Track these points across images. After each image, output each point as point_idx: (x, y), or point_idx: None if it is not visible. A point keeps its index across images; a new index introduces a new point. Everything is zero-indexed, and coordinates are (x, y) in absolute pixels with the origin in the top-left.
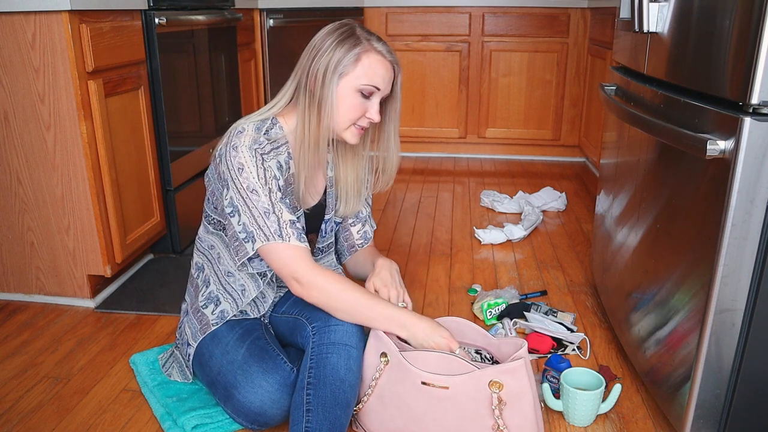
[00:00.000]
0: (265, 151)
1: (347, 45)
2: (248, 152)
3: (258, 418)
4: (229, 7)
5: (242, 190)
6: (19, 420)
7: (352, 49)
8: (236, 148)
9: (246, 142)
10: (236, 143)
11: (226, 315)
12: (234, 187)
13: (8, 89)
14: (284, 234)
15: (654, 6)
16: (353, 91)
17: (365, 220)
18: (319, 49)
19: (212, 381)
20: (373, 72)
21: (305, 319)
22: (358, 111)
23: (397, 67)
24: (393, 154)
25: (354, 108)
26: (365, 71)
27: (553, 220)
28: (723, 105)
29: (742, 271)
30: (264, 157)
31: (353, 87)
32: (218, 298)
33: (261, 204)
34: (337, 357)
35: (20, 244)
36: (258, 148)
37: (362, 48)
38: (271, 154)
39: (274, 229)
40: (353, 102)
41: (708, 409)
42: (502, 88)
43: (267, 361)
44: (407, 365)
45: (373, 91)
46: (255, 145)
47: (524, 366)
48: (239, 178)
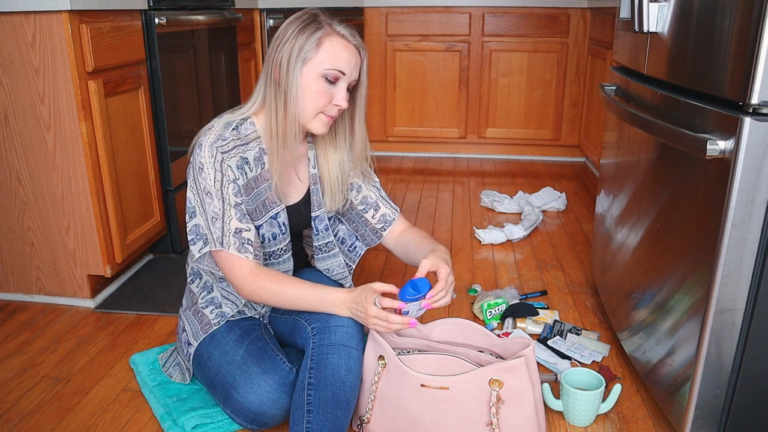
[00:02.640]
0: (226, 149)
1: (308, 30)
2: (209, 151)
3: (257, 418)
4: (229, 7)
5: (200, 191)
6: (19, 420)
7: (313, 33)
8: (201, 146)
9: (210, 139)
10: (202, 141)
11: (226, 315)
12: (194, 186)
13: (8, 89)
14: (225, 242)
15: (654, 6)
16: (317, 77)
17: (377, 204)
18: (282, 38)
19: (211, 381)
20: (337, 56)
21: (304, 321)
22: (324, 98)
23: (363, 51)
24: (359, 141)
25: (319, 94)
26: (328, 55)
27: (553, 220)
28: (723, 105)
29: (742, 271)
30: (224, 156)
31: (317, 72)
32: (220, 303)
33: (211, 208)
34: (337, 358)
35: (20, 244)
36: (220, 146)
37: (324, 32)
38: (233, 151)
39: (217, 236)
40: (318, 88)
41: (708, 409)
42: (502, 88)
43: (266, 361)
44: (405, 369)
45: (338, 75)
46: (218, 142)
47: (525, 364)
48: (198, 177)
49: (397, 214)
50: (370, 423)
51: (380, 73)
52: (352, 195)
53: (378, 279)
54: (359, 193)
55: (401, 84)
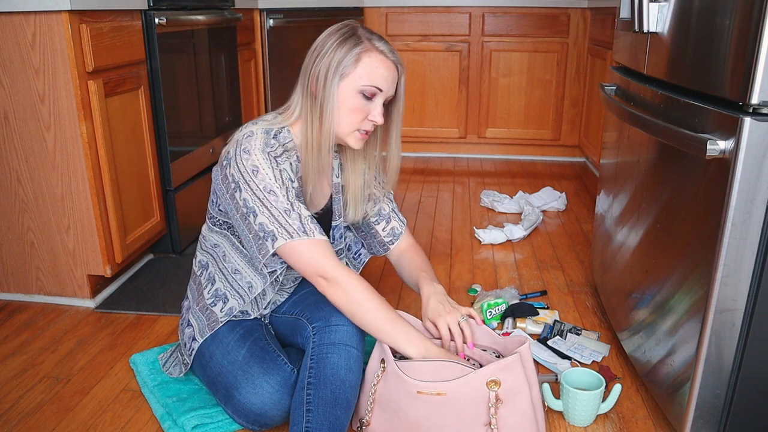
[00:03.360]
0: (277, 154)
1: (348, 45)
2: (261, 155)
3: (258, 419)
4: (229, 7)
5: (258, 191)
6: (19, 420)
7: (352, 49)
8: (248, 152)
9: (257, 144)
10: (247, 147)
11: (234, 311)
12: (249, 189)
13: (8, 89)
14: (308, 230)
15: (654, 6)
16: (355, 93)
17: (389, 217)
18: (320, 50)
19: (213, 381)
20: (375, 72)
21: (306, 320)
22: (360, 113)
23: (401, 67)
24: (394, 157)
25: (356, 110)
26: (366, 71)
27: (553, 220)
28: (723, 105)
29: (742, 271)
30: (277, 160)
31: (354, 88)
32: (226, 296)
33: (280, 204)
34: (337, 357)
35: (20, 244)
36: (270, 151)
37: (363, 48)
38: (283, 156)
39: (297, 226)
40: (355, 104)
41: (708, 409)
42: (502, 88)
43: (268, 361)
44: (402, 375)
45: (375, 92)
46: (267, 147)
47: (519, 361)
48: (254, 180)
49: (404, 227)
50: (370, 425)
51: None
52: (368, 206)
53: (378, 280)
54: (375, 204)
55: None
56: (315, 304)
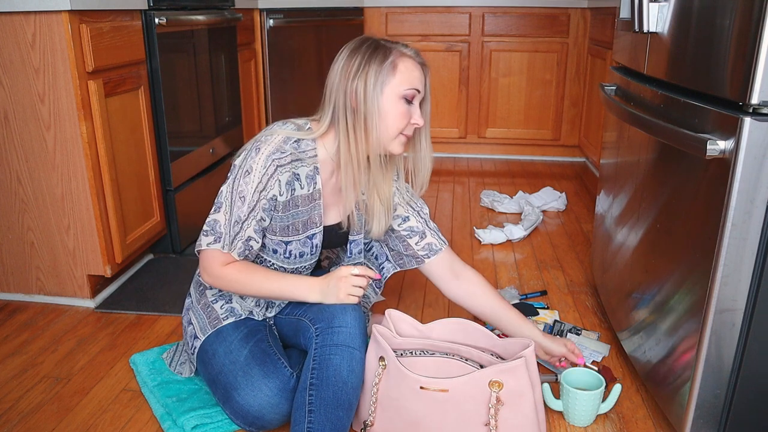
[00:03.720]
0: (282, 163)
1: (379, 56)
2: (264, 160)
3: (256, 422)
4: (229, 7)
5: (235, 191)
6: (19, 420)
7: (386, 58)
8: (258, 151)
9: (269, 149)
10: (260, 146)
11: (236, 312)
12: (232, 184)
13: (8, 89)
14: (234, 246)
15: (654, 6)
16: (398, 99)
17: (423, 233)
18: (352, 67)
19: (213, 379)
20: (412, 75)
21: (308, 321)
22: (405, 118)
23: (426, 68)
24: (426, 155)
25: (402, 115)
26: (405, 77)
27: (553, 220)
28: (723, 105)
29: (742, 271)
30: (278, 169)
31: (397, 95)
32: (230, 297)
33: (238, 212)
34: (339, 358)
35: (20, 244)
36: (277, 158)
37: (395, 55)
38: (288, 166)
39: (231, 238)
40: (400, 110)
41: (708, 409)
42: (502, 88)
43: (268, 364)
44: (405, 371)
45: (415, 94)
46: (276, 153)
47: (524, 365)
48: (241, 179)
49: (445, 245)
50: (374, 426)
51: None
52: (396, 223)
53: None
54: (405, 222)
55: None
56: (318, 305)
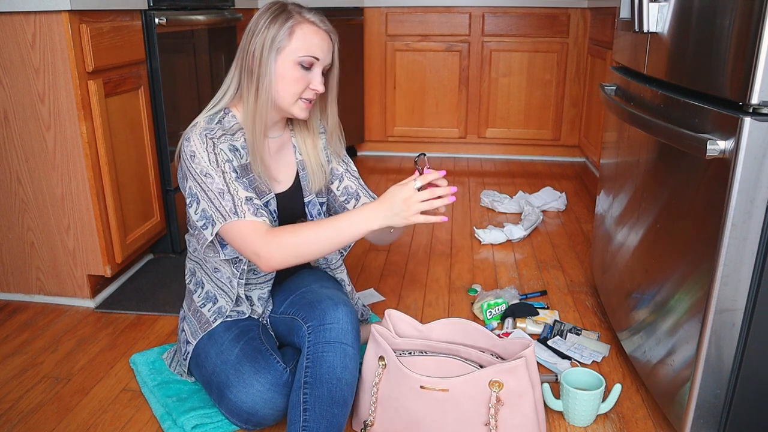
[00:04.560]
0: (216, 136)
1: (280, 20)
2: (198, 139)
3: (251, 418)
4: (229, 7)
5: (197, 176)
6: (19, 420)
7: (285, 23)
8: (188, 139)
9: (196, 130)
10: (188, 134)
11: (224, 311)
12: (191, 175)
13: (8, 89)
14: (239, 211)
15: (654, 6)
16: (293, 65)
17: (357, 195)
18: (254, 29)
19: (207, 381)
20: (309, 42)
21: (301, 319)
22: (301, 84)
23: (334, 35)
24: (332, 121)
25: (296, 81)
26: (301, 43)
27: (553, 220)
28: (723, 105)
29: (742, 271)
30: (215, 142)
31: (292, 60)
32: (215, 297)
33: (215, 186)
34: (333, 355)
35: (20, 244)
36: (208, 133)
37: (295, 21)
38: (222, 138)
39: (229, 207)
40: (295, 75)
41: (708, 409)
42: (502, 88)
43: (259, 360)
44: (405, 370)
45: (313, 61)
46: (205, 131)
47: (525, 365)
48: (192, 165)
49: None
50: (374, 426)
51: (380, 73)
52: (334, 186)
53: (378, 279)
54: (341, 183)
55: (401, 84)
56: (310, 303)
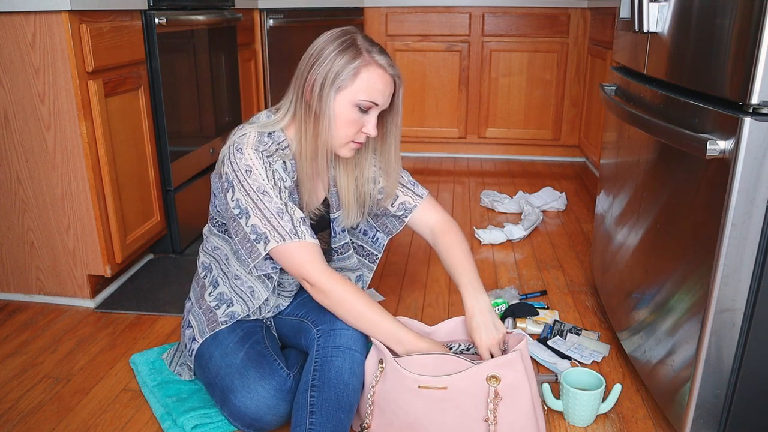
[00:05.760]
0: (270, 153)
1: (347, 56)
2: (254, 153)
3: (254, 423)
4: (229, 7)
5: (251, 192)
6: (19, 420)
7: (351, 61)
8: (241, 150)
9: (251, 143)
10: (240, 145)
11: (236, 316)
12: (242, 189)
13: (8, 89)
14: (299, 232)
15: (654, 6)
16: (350, 106)
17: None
18: (317, 57)
19: (210, 383)
20: (373, 87)
21: (310, 322)
22: (355, 126)
23: (399, 80)
24: (393, 170)
25: (351, 123)
26: (364, 86)
27: (553, 220)
28: (723, 105)
29: (742, 271)
30: (269, 160)
31: (351, 101)
32: (231, 300)
33: (273, 205)
34: (341, 360)
35: (20, 244)
36: (264, 150)
37: (362, 61)
38: (275, 155)
39: (289, 228)
40: (351, 117)
41: (708, 409)
42: (502, 88)
43: (264, 366)
44: (402, 371)
45: (372, 106)
46: (261, 146)
47: (520, 358)
48: (248, 180)
49: (420, 200)
50: (370, 428)
51: None
52: (388, 203)
53: (378, 279)
54: (396, 200)
55: None
56: (320, 306)
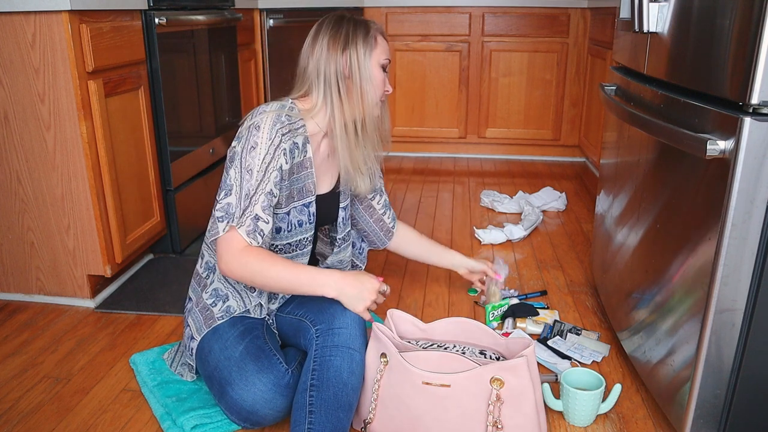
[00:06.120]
0: (285, 131)
1: (362, 30)
2: (268, 133)
3: (250, 417)
4: (229, 7)
5: (243, 168)
6: (19, 420)
7: (367, 32)
8: (258, 128)
9: (269, 122)
10: (258, 123)
11: (233, 311)
12: (239, 164)
13: (8, 89)
14: (241, 221)
15: (654, 6)
16: (378, 68)
17: (382, 191)
18: (339, 41)
19: (209, 376)
20: (386, 48)
21: (309, 322)
22: (383, 84)
23: None
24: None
25: (382, 82)
26: (381, 49)
27: (553, 220)
28: (723, 105)
29: (742, 271)
30: (282, 138)
31: (378, 63)
32: (227, 296)
33: (248, 185)
34: (340, 360)
35: (20, 244)
36: (280, 128)
37: (373, 30)
38: (290, 134)
39: (239, 212)
40: (381, 77)
41: (708, 409)
42: (502, 88)
43: (263, 360)
44: (407, 366)
45: (388, 63)
46: (277, 125)
47: (526, 364)
48: (248, 155)
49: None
50: (373, 423)
51: None
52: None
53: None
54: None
55: (401, 84)
56: (319, 306)
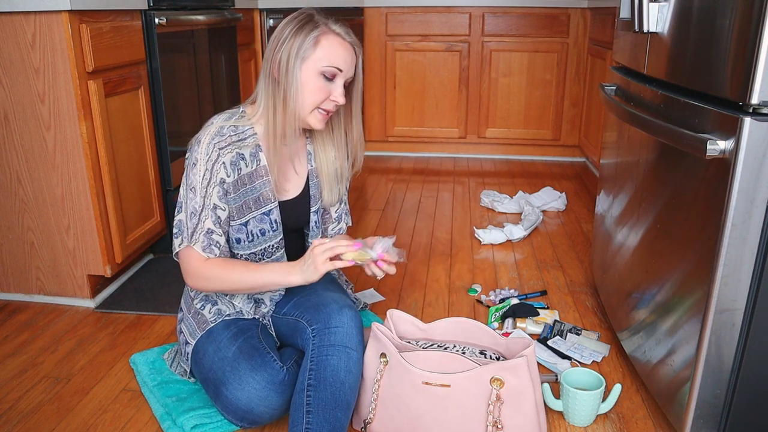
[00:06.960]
0: (223, 145)
1: (306, 30)
2: (206, 148)
3: (246, 416)
4: (229, 7)
5: (187, 186)
6: (19, 420)
7: (310, 33)
8: (199, 143)
9: (210, 133)
10: (201, 137)
11: (223, 313)
12: (185, 181)
13: (8, 89)
14: (194, 238)
15: (654, 6)
16: (316, 74)
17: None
18: (279, 38)
19: (205, 378)
20: (334, 53)
21: (305, 322)
22: (322, 94)
23: (358, 48)
24: (356, 134)
25: (318, 90)
26: (325, 53)
27: (553, 220)
28: (723, 105)
29: (742, 271)
30: (220, 152)
31: (315, 70)
32: (215, 300)
33: (192, 204)
34: (337, 359)
35: (20, 244)
36: (217, 142)
37: (320, 31)
38: (229, 147)
39: (190, 231)
40: (317, 85)
41: (708, 409)
42: (502, 88)
43: (256, 358)
44: (407, 366)
45: (336, 72)
46: (215, 138)
47: (526, 364)
48: (190, 173)
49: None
50: (372, 423)
51: (380, 73)
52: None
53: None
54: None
55: (401, 84)
56: (315, 306)
